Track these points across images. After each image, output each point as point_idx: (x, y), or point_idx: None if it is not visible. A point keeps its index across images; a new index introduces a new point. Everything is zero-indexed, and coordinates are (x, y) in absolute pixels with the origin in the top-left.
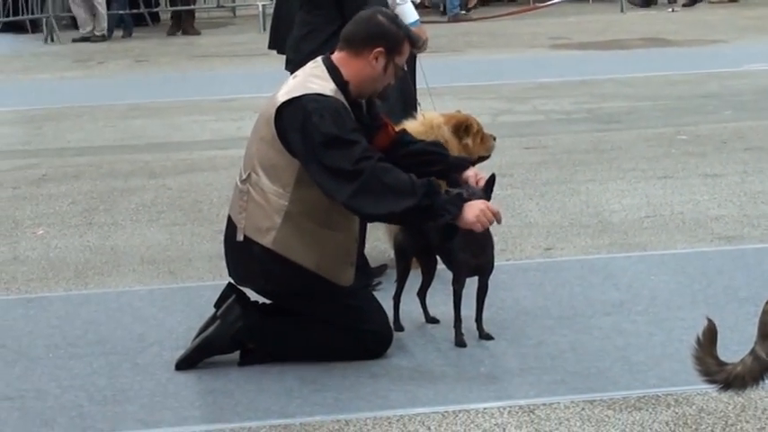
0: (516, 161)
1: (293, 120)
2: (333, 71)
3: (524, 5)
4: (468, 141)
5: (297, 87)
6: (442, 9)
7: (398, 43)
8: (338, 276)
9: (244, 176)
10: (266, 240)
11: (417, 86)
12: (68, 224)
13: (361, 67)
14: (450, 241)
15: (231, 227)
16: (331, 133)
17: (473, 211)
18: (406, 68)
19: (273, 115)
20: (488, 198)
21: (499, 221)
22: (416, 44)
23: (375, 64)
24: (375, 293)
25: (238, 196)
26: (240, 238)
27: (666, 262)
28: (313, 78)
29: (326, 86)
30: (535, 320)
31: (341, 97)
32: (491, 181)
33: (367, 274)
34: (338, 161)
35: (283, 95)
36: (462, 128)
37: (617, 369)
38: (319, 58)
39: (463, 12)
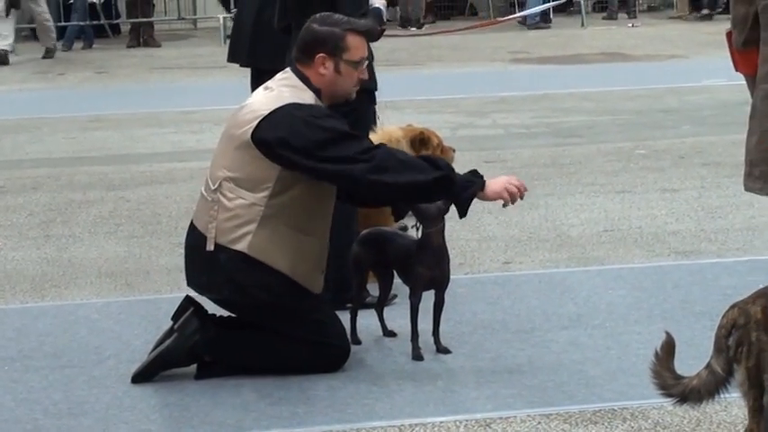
0: None
1: (281, 128)
2: (306, 80)
3: (485, 20)
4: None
5: (276, 99)
6: (400, 22)
7: (337, 41)
8: (311, 282)
9: (213, 186)
10: (241, 246)
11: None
12: (26, 236)
13: (316, 77)
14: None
15: (197, 237)
16: (338, 129)
17: (499, 183)
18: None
19: (254, 126)
20: (448, 208)
21: (522, 196)
22: (370, 33)
23: (324, 70)
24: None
25: (208, 206)
26: (210, 247)
27: (624, 276)
28: (288, 89)
29: (304, 96)
30: (493, 334)
31: (321, 104)
32: None
33: (327, 287)
34: (347, 150)
35: (264, 107)
36: (419, 141)
37: (573, 383)
38: (288, 69)
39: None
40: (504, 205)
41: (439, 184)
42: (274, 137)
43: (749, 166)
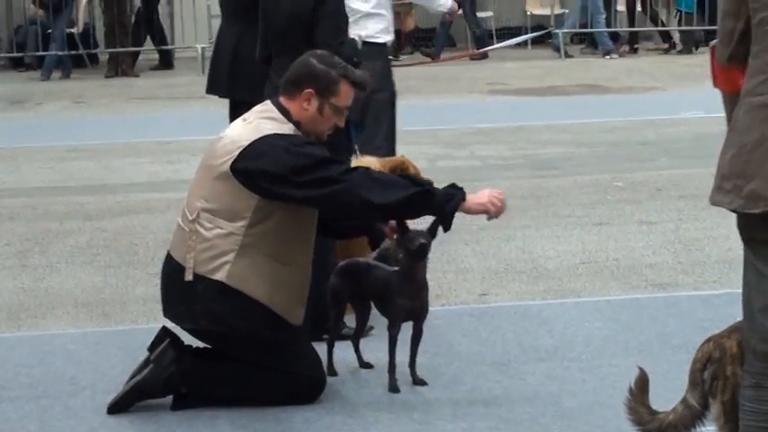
0: None
1: (262, 158)
2: (285, 113)
3: (464, 50)
4: None
5: (255, 130)
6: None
7: (330, 84)
8: (290, 313)
9: (191, 217)
10: (220, 275)
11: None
12: (2, 266)
13: (297, 111)
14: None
15: (174, 267)
16: (317, 155)
17: (483, 195)
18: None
19: (235, 157)
20: (432, 239)
21: (501, 213)
22: (362, 86)
23: (307, 106)
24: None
25: (186, 236)
26: (189, 278)
27: (600, 309)
28: (268, 121)
29: (284, 127)
30: (469, 366)
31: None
32: (436, 223)
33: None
34: (327, 172)
35: (243, 138)
36: (398, 171)
37: (549, 415)
38: (268, 102)
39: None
40: (489, 218)
41: (420, 198)
42: (255, 167)
43: (720, 179)
